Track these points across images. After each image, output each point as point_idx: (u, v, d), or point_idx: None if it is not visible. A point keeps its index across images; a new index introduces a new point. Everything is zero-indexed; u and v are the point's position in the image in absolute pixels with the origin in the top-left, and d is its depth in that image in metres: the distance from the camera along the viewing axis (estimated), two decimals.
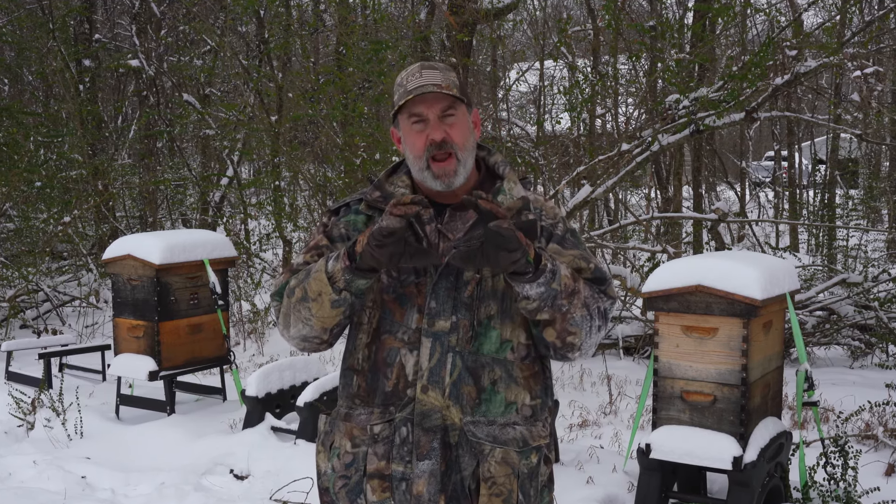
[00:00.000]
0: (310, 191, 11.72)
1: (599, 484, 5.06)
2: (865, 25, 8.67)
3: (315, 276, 2.18)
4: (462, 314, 2.23)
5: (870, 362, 8.16)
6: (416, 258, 2.09)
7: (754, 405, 4.48)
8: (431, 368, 2.22)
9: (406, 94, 2.24)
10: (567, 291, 2.14)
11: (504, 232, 1.98)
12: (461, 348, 2.22)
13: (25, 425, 6.42)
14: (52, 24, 12.55)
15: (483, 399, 2.24)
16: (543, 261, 2.10)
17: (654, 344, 4.62)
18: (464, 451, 2.24)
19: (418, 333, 2.24)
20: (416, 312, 2.24)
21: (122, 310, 6.67)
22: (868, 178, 15.94)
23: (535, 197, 2.38)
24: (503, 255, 2.01)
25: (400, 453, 2.24)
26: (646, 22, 10.37)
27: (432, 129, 2.24)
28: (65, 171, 12.20)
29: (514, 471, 2.24)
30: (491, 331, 2.25)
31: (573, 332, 2.19)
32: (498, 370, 2.25)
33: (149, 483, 5.43)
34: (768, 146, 24.85)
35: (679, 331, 4.51)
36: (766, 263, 4.62)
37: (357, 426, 2.29)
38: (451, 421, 2.22)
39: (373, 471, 2.27)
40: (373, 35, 10.56)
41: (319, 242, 2.34)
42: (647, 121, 9.41)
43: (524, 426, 2.28)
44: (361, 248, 2.10)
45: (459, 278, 2.24)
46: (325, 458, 2.36)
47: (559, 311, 2.15)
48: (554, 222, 2.34)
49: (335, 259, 2.16)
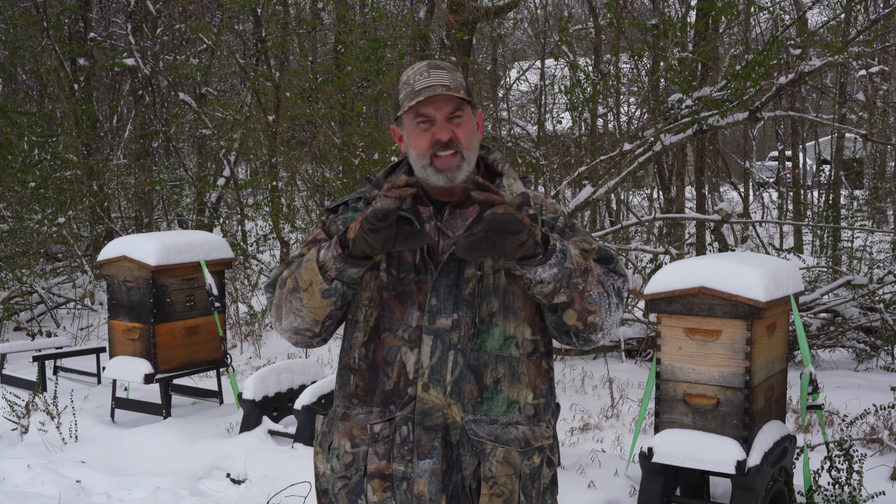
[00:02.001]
0: (307, 191, 11.70)
1: (601, 488, 5.04)
2: (871, 23, 8.69)
3: (306, 266, 2.18)
4: (463, 311, 2.22)
5: (875, 365, 8.16)
6: (410, 240, 2.08)
7: (758, 408, 4.46)
8: (433, 366, 2.21)
9: (414, 94, 2.23)
10: (580, 269, 2.13)
11: (504, 216, 1.97)
12: (463, 346, 2.22)
13: (19, 429, 6.39)
14: (47, 22, 12.52)
15: (485, 397, 2.24)
16: (552, 241, 2.09)
17: (656, 346, 4.60)
18: (465, 450, 2.23)
19: (419, 331, 2.23)
20: (417, 310, 2.23)
21: (118, 312, 6.65)
22: (873, 178, 15.93)
23: (534, 193, 2.36)
24: (509, 238, 2.00)
25: (401, 452, 2.23)
26: (648, 20, 10.37)
27: (439, 129, 2.24)
28: (59, 172, 12.21)
29: (515, 471, 2.24)
30: (493, 328, 2.24)
31: (593, 310, 2.18)
32: (501, 368, 2.25)
33: (144, 487, 5.41)
34: (772, 146, 24.91)
35: (682, 333, 4.49)
36: (769, 265, 4.60)
37: (357, 426, 2.28)
38: (452, 419, 2.22)
39: (373, 470, 2.26)
40: (371, 33, 10.58)
41: (318, 237, 2.34)
42: (650, 120, 9.39)
43: (527, 426, 2.27)
44: (354, 234, 2.10)
45: (460, 275, 2.23)
46: (324, 459, 2.35)
47: (576, 289, 2.13)
48: (555, 216, 2.33)
49: (327, 248, 2.16)
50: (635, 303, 8.94)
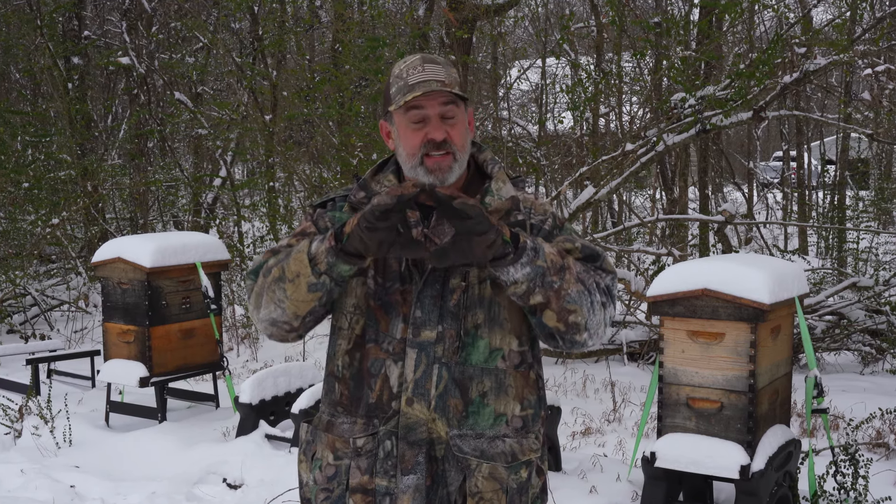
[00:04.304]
0: (305, 192, 11.70)
1: (603, 493, 5.03)
2: (876, 22, 8.77)
3: (295, 257, 2.12)
4: (448, 323, 2.18)
5: (881, 368, 8.18)
6: (407, 249, 2.02)
7: (762, 412, 4.47)
8: (416, 380, 2.17)
9: (408, 88, 2.16)
10: (555, 267, 2.08)
11: (468, 210, 1.93)
12: (447, 359, 2.18)
13: (13, 433, 6.36)
14: (40, 20, 12.54)
15: (470, 412, 2.20)
16: (522, 238, 2.05)
17: (659, 349, 4.62)
18: (450, 465, 2.20)
19: (403, 344, 2.19)
20: (402, 322, 2.20)
21: (112, 314, 6.63)
22: (879, 178, 15.95)
23: (524, 196, 2.30)
24: (475, 240, 1.96)
25: (384, 467, 2.20)
26: (651, 18, 10.35)
27: (433, 128, 2.18)
28: (53, 172, 12.21)
29: (502, 486, 2.20)
30: (478, 340, 2.20)
31: (572, 309, 2.12)
32: (487, 381, 2.21)
33: (140, 492, 5.38)
34: (776, 146, 24.93)
35: (685, 336, 4.50)
36: (774, 267, 4.62)
37: (339, 438, 2.25)
38: (436, 434, 2.19)
39: (355, 485, 2.22)
40: (370, 32, 10.58)
41: (307, 229, 2.29)
42: (652, 120, 9.39)
43: (514, 438, 2.24)
44: (350, 229, 2.03)
45: (445, 286, 2.18)
46: (307, 468, 2.33)
47: (551, 288, 2.08)
48: (543, 218, 2.27)
49: (320, 240, 2.10)
50: (637, 305, 8.94)
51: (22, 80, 15.50)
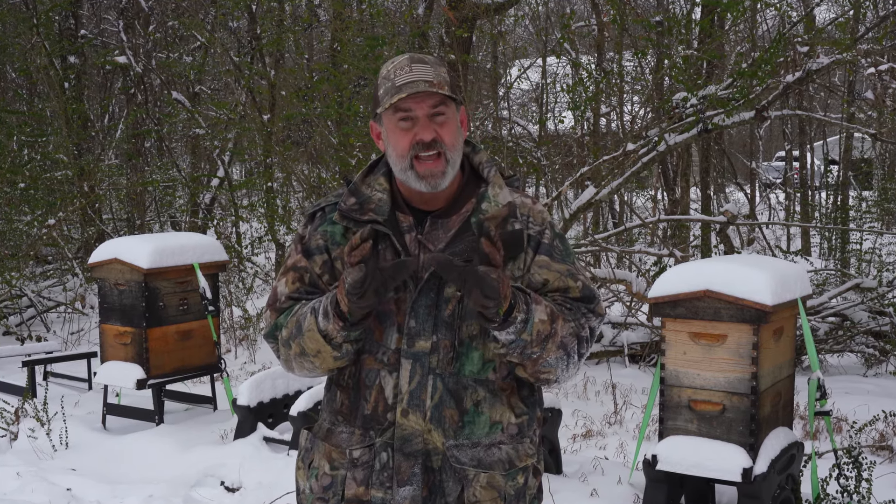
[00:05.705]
0: (303, 192, 11.70)
1: (604, 496, 5.03)
2: (880, 21, 8.80)
3: (309, 336, 2.16)
4: (443, 333, 2.18)
5: (884, 370, 8.16)
6: (398, 276, 2.06)
7: (764, 415, 4.47)
8: (411, 391, 2.18)
9: (395, 89, 2.14)
10: (539, 339, 2.12)
11: (490, 281, 1.98)
12: (442, 370, 2.18)
13: (8, 436, 6.35)
14: (36, 19, 12.52)
15: (466, 421, 2.20)
16: (514, 312, 2.08)
17: (660, 351, 4.61)
18: (447, 475, 2.20)
19: (397, 354, 2.19)
20: (396, 332, 2.20)
21: (109, 316, 6.63)
22: (882, 179, 15.90)
23: (521, 200, 2.28)
24: (476, 294, 2.00)
25: (380, 479, 2.20)
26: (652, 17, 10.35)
27: (421, 128, 2.16)
28: (49, 172, 12.23)
29: (500, 493, 2.21)
30: (473, 351, 2.20)
31: (545, 371, 2.18)
32: (481, 390, 2.21)
33: (137, 495, 5.38)
34: (779, 146, 24.90)
35: (686, 337, 4.50)
36: (776, 268, 4.63)
37: (335, 448, 2.25)
38: (433, 445, 2.19)
39: (351, 496, 2.22)
40: (369, 31, 10.58)
41: (298, 263, 2.29)
42: (654, 120, 9.39)
43: (510, 445, 2.24)
44: (346, 308, 2.09)
45: (440, 295, 2.18)
46: (304, 476, 2.33)
47: (529, 358, 2.14)
48: (541, 229, 2.26)
49: (324, 316, 2.13)
50: (639, 306, 8.95)
51: (18, 80, 15.55)
